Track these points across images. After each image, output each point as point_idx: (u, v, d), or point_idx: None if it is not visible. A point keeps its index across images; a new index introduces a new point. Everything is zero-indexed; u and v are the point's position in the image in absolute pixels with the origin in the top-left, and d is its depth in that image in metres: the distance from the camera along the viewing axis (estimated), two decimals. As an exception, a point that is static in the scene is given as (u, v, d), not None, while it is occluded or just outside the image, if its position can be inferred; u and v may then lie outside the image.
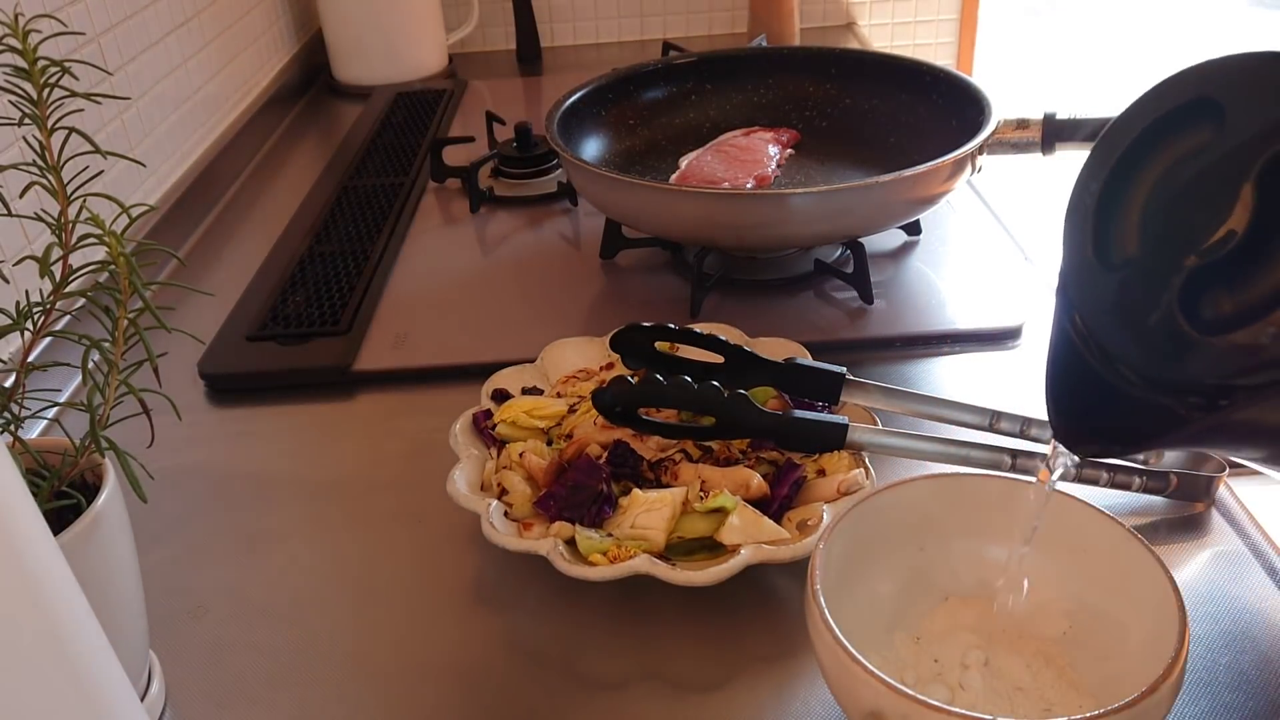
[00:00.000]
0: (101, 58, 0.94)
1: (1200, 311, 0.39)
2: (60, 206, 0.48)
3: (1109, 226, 0.43)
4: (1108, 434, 0.43)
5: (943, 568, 0.51)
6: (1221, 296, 0.38)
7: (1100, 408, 0.43)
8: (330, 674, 0.53)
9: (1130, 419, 0.42)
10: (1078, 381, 0.44)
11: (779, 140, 0.98)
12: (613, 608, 0.56)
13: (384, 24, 1.43)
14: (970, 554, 0.51)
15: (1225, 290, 0.38)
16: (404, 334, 0.82)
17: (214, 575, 0.60)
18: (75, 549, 0.44)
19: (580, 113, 0.96)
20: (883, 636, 0.49)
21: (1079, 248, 0.44)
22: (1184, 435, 0.41)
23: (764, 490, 0.58)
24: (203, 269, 0.98)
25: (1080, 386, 0.44)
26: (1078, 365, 0.44)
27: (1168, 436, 0.41)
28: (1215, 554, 0.57)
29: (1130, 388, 0.42)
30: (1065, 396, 0.45)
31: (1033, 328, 0.78)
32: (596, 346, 0.71)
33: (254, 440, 0.73)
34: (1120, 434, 0.42)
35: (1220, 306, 0.38)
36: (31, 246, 0.78)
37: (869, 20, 1.65)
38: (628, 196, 0.81)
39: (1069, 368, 0.44)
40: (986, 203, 0.97)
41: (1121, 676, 0.44)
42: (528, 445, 0.62)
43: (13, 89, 0.47)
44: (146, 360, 0.47)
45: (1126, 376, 0.42)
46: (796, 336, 0.71)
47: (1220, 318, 0.38)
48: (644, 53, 1.57)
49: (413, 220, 1.03)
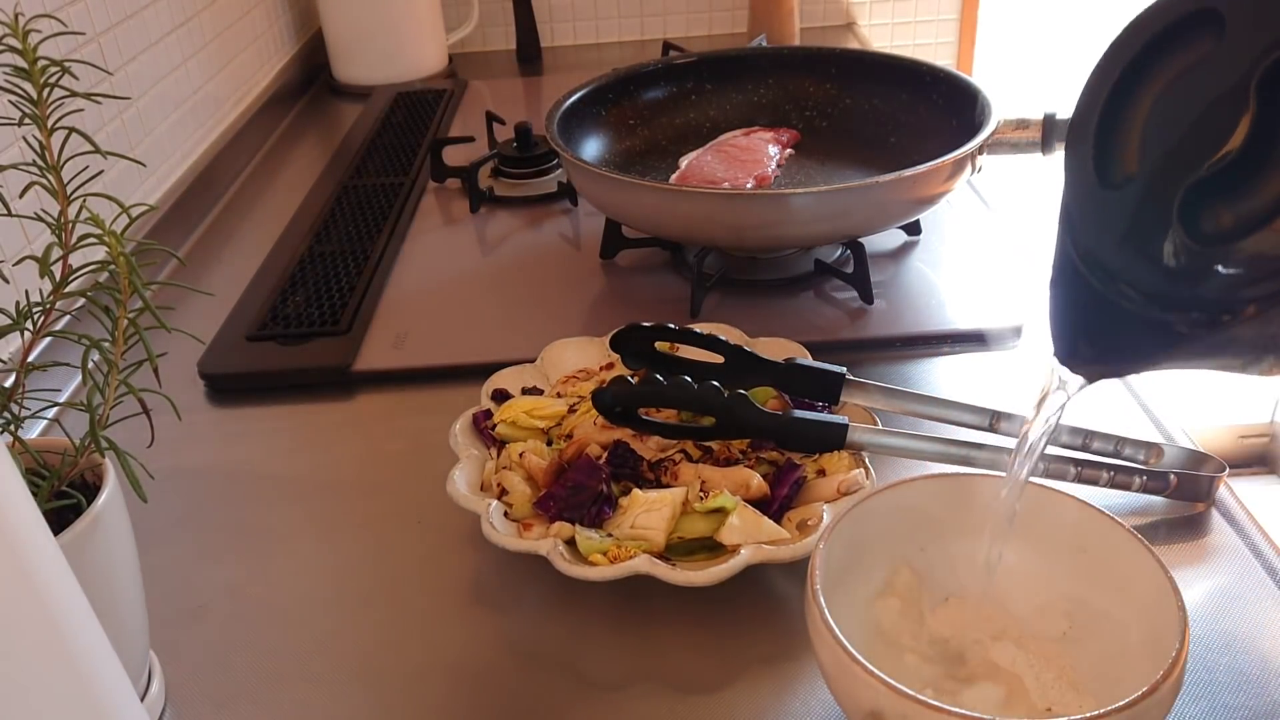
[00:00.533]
0: (101, 58, 0.94)
1: (1201, 224, 0.38)
2: (60, 206, 0.48)
3: (1110, 146, 0.42)
4: (1109, 354, 0.43)
5: (943, 568, 0.51)
6: (1223, 208, 0.38)
7: (1102, 328, 0.43)
8: (330, 674, 0.53)
9: (1132, 337, 0.42)
10: (1079, 302, 0.44)
11: (779, 140, 0.98)
12: (613, 608, 0.56)
13: (384, 24, 1.43)
14: (970, 554, 0.51)
15: (1226, 202, 0.38)
16: (404, 334, 0.82)
17: (214, 575, 0.60)
18: (75, 549, 0.44)
19: (580, 113, 0.96)
20: (883, 636, 0.49)
21: (1081, 169, 0.43)
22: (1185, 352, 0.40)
23: (764, 490, 0.58)
24: (203, 269, 0.98)
25: (1082, 307, 0.44)
26: (1079, 286, 0.43)
27: (1169, 354, 0.41)
28: (1215, 554, 0.57)
29: (1131, 305, 0.41)
30: (1067, 317, 0.44)
31: (1033, 328, 0.78)
32: (596, 346, 0.71)
33: (254, 440, 0.73)
34: (1122, 353, 0.42)
35: (1221, 219, 0.38)
36: (31, 246, 0.78)
37: (869, 20, 1.65)
38: (628, 196, 0.81)
39: (1071, 289, 0.44)
40: (986, 203, 0.97)
41: (1121, 676, 0.44)
42: (528, 445, 0.62)
43: (13, 89, 0.47)
44: (146, 360, 0.47)
45: (1127, 295, 0.42)
46: (796, 336, 0.71)
47: (1222, 230, 0.38)
48: (644, 53, 1.57)
49: (413, 220, 1.03)
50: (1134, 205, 0.41)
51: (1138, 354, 0.41)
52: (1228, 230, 0.37)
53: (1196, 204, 0.38)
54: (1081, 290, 0.43)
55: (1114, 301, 0.42)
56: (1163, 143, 0.40)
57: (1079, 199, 0.44)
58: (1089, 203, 0.43)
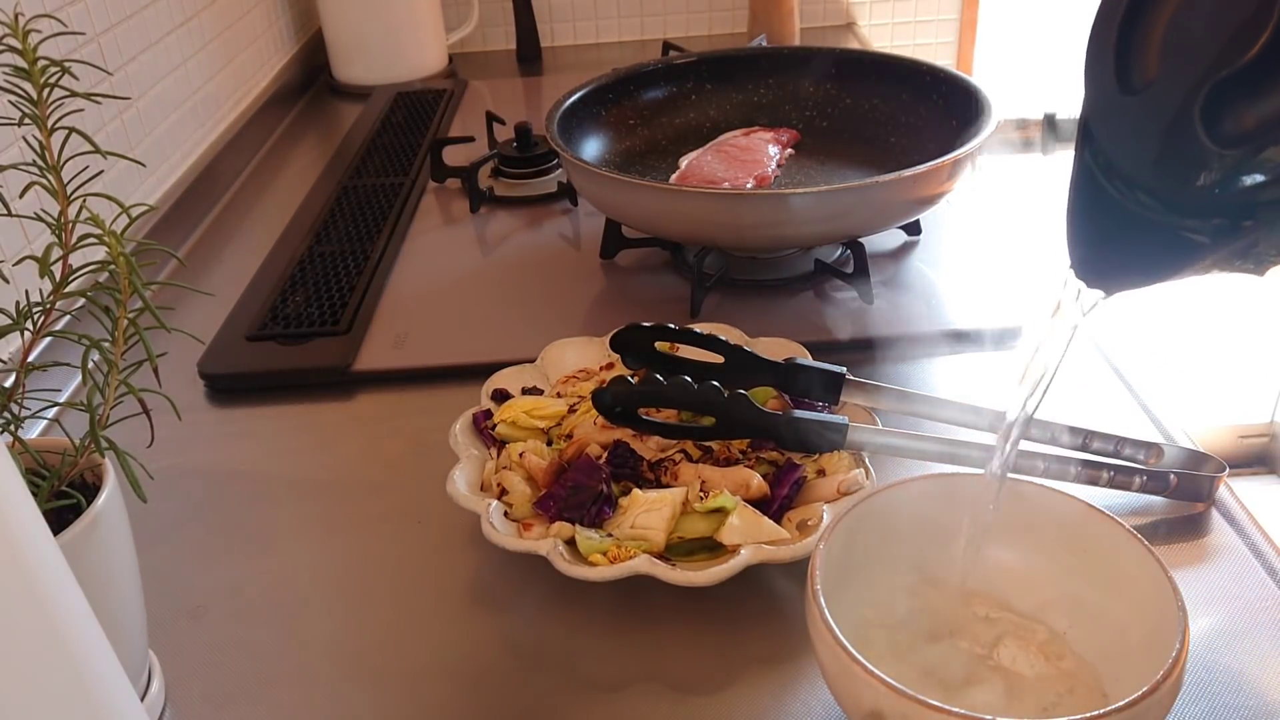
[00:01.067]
0: (101, 58, 0.94)
1: (1223, 127, 0.37)
2: (60, 206, 0.48)
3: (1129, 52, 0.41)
4: (1128, 265, 0.42)
5: (943, 567, 0.51)
6: (1245, 109, 0.37)
7: (1121, 239, 0.42)
8: (330, 674, 0.53)
9: (1152, 247, 0.41)
10: (1098, 214, 0.43)
11: (779, 140, 0.98)
12: (613, 608, 0.56)
13: (384, 24, 1.43)
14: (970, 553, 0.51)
15: (1248, 102, 0.37)
16: (404, 334, 0.82)
17: (213, 575, 0.60)
18: (75, 549, 0.44)
19: (580, 113, 0.96)
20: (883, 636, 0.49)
21: (1100, 78, 0.42)
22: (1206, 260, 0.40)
23: (764, 490, 0.58)
24: (203, 269, 0.98)
25: (1100, 218, 0.43)
26: (1098, 197, 0.43)
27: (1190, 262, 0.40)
28: (1215, 554, 0.57)
29: (1152, 214, 0.41)
30: (1085, 229, 0.43)
31: (1032, 328, 0.78)
32: (596, 346, 0.71)
33: (254, 440, 0.73)
34: (1142, 264, 0.41)
35: (1244, 120, 0.37)
36: (31, 246, 0.78)
37: (869, 20, 1.65)
38: (628, 196, 0.81)
39: (1089, 200, 0.43)
40: (986, 203, 0.97)
41: (1121, 676, 0.44)
42: (528, 445, 0.62)
43: (13, 89, 0.47)
44: (146, 360, 0.47)
45: (1147, 203, 0.41)
46: (796, 336, 0.71)
47: (1244, 131, 0.37)
48: (644, 53, 1.57)
49: (413, 220, 1.03)
50: (1155, 110, 0.40)
51: (1159, 264, 0.40)
52: (1250, 132, 0.37)
53: (1218, 106, 0.38)
54: (1100, 201, 0.42)
55: (1133, 211, 0.41)
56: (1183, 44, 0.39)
57: (1099, 107, 0.43)
58: (1109, 110, 0.42)
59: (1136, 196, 0.41)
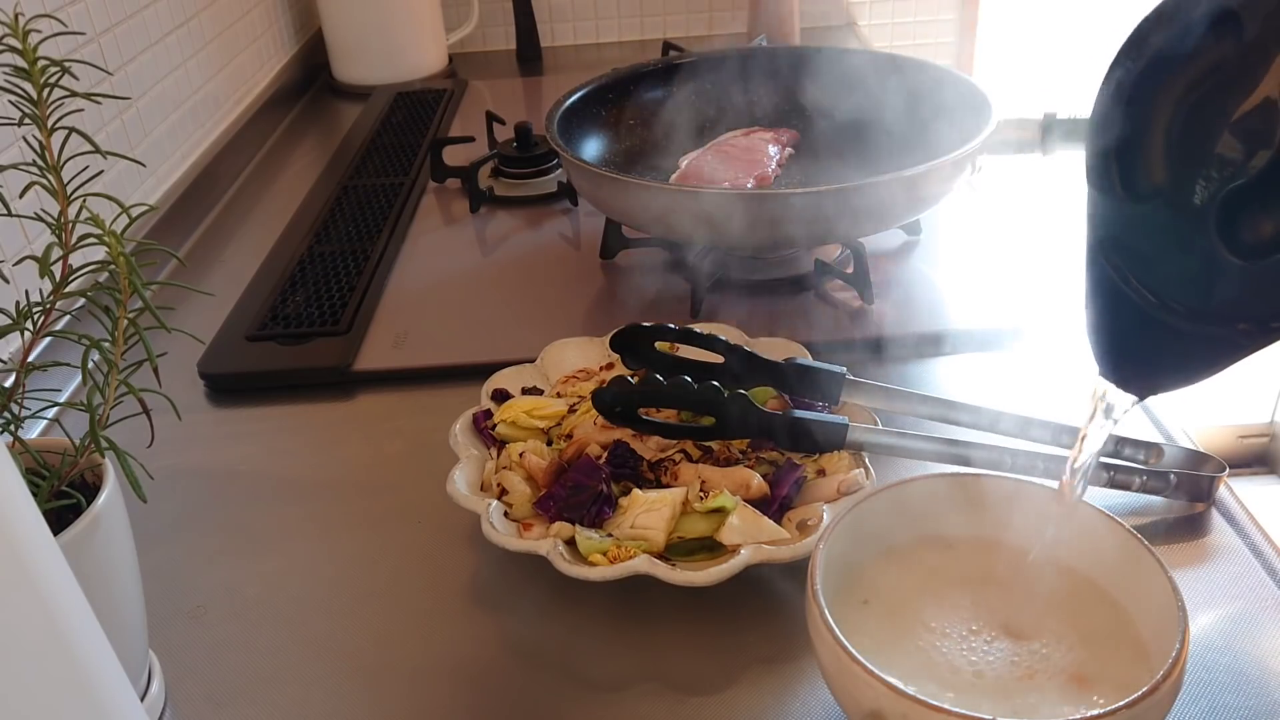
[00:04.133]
0: (101, 58, 0.94)
1: (1241, 236, 0.37)
2: (60, 206, 0.48)
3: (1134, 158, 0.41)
4: (1161, 372, 0.42)
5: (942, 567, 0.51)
6: (1260, 218, 0.37)
7: (1149, 347, 0.42)
8: (330, 674, 0.53)
9: (1182, 354, 0.41)
10: (1122, 322, 0.43)
11: (779, 140, 0.98)
12: (613, 608, 0.56)
13: (384, 24, 1.43)
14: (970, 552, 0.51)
15: (1262, 210, 0.37)
16: (404, 334, 0.82)
17: (214, 575, 0.60)
18: (75, 549, 0.44)
19: (580, 113, 0.96)
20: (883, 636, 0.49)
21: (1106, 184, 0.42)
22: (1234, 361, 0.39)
23: (764, 490, 0.58)
24: (203, 269, 0.98)
25: (1125, 326, 0.43)
26: (1121, 304, 0.42)
27: (1220, 365, 0.40)
28: (1215, 554, 0.57)
29: (1177, 321, 0.40)
30: (1110, 336, 0.43)
31: (1032, 328, 0.78)
32: (596, 346, 0.71)
33: (254, 440, 0.73)
34: (1173, 371, 0.42)
35: (1261, 229, 0.37)
36: (31, 246, 0.78)
37: (869, 20, 1.65)
38: (628, 196, 0.81)
39: (1111, 309, 0.43)
40: (986, 203, 0.97)
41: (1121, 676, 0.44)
42: (528, 445, 0.62)
43: (13, 89, 0.47)
44: (146, 360, 0.47)
45: (1171, 313, 0.40)
46: (796, 336, 0.71)
47: (1264, 239, 0.36)
48: (644, 53, 1.57)
49: (413, 220, 1.03)
50: (1169, 223, 0.40)
51: (1190, 369, 0.41)
52: (1270, 240, 0.36)
53: (1233, 216, 0.37)
54: (1123, 309, 0.42)
55: (1158, 319, 0.41)
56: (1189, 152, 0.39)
57: (1110, 219, 0.42)
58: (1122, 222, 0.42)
59: (1158, 306, 0.41)
